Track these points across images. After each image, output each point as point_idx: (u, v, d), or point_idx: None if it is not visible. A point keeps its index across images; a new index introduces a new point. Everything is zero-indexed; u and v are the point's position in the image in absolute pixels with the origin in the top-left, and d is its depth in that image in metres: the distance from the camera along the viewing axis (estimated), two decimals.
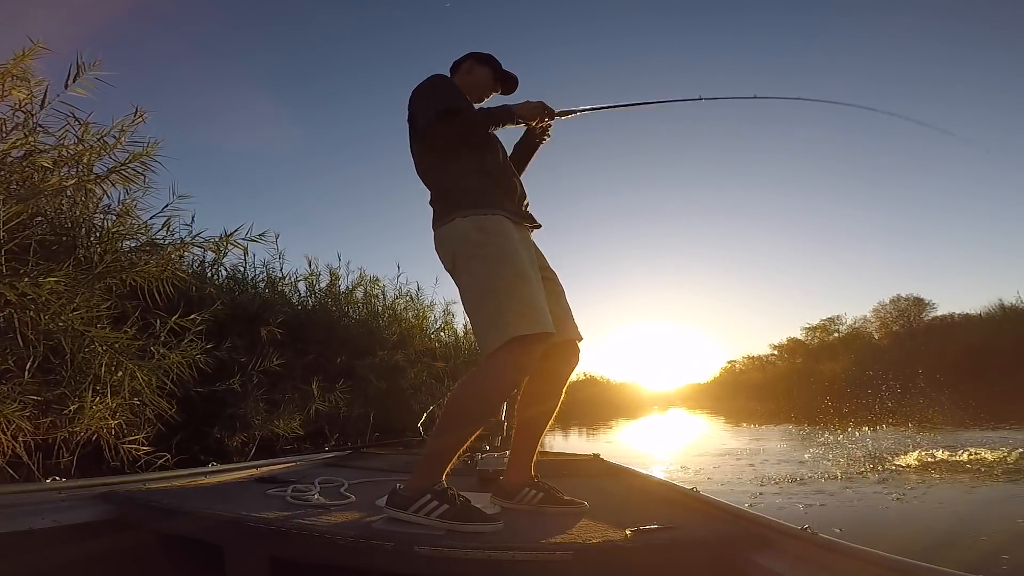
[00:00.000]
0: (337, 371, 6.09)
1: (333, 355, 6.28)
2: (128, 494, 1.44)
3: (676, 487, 1.74)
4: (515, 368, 1.37)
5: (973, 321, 19.54)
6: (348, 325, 7.72)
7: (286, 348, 5.94)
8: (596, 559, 1.12)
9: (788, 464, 4.59)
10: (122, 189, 3.49)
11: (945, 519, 2.62)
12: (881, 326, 27.06)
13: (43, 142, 3.09)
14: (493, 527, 1.25)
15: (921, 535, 2.37)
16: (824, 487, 3.46)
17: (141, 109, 4.21)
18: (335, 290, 8.15)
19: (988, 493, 3.18)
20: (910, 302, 26.71)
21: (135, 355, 2.70)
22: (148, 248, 3.45)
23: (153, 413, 2.74)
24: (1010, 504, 2.98)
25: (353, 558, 1.13)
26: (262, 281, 6.67)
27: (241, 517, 1.28)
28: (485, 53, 1.81)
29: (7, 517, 1.20)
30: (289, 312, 6.51)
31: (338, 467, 2.30)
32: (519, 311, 1.36)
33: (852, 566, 0.95)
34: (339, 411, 5.40)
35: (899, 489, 3.26)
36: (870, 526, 2.57)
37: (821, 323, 29.09)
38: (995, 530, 2.33)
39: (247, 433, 4.10)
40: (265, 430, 4.17)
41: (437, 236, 1.56)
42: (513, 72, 1.81)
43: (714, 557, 1.17)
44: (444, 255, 1.55)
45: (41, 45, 3.06)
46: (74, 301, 2.36)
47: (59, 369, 2.36)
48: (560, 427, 11.27)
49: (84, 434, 2.33)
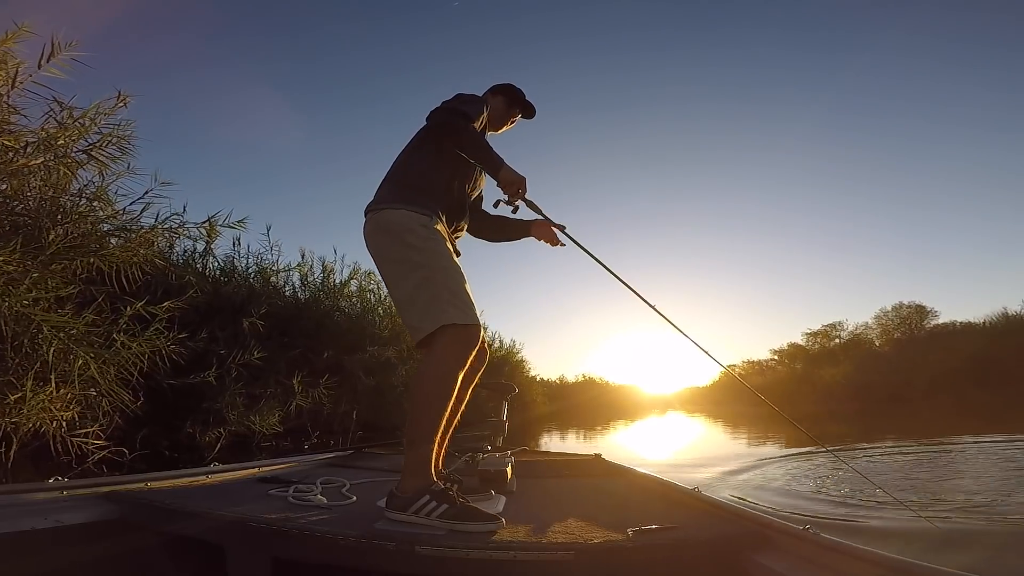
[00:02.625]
0: (324, 366, 5.91)
1: (322, 349, 6.10)
2: (130, 494, 1.44)
3: (677, 487, 1.72)
4: (454, 350, 1.43)
5: (976, 330, 19.34)
6: (340, 319, 7.56)
7: (272, 341, 5.78)
8: (597, 559, 1.11)
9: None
10: (95, 172, 3.36)
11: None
12: (883, 333, 26.85)
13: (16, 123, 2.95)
14: (494, 526, 1.25)
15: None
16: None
17: (124, 93, 4.07)
18: (329, 283, 7.99)
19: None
20: (912, 309, 26.48)
21: (94, 343, 2.53)
22: (118, 233, 3.28)
23: (110, 405, 2.57)
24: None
25: (355, 558, 1.13)
26: (252, 272, 6.53)
27: (243, 517, 1.28)
28: (504, 84, 1.98)
29: (9, 517, 1.20)
30: (279, 304, 6.34)
31: (340, 467, 2.28)
32: (457, 303, 1.46)
33: (853, 566, 0.95)
34: (323, 407, 5.21)
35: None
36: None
37: (823, 329, 28.87)
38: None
39: (222, 428, 3.93)
40: (241, 426, 3.99)
41: (378, 217, 1.57)
42: (531, 102, 1.97)
43: (715, 557, 1.16)
44: (380, 238, 1.57)
45: (27, 29, 2.90)
46: (23, 282, 2.19)
47: (4, 356, 2.19)
48: (558, 428, 11.15)
49: (28, 425, 2.16)
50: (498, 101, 1.95)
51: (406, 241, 1.51)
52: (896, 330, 26.33)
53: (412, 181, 1.62)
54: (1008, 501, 2.77)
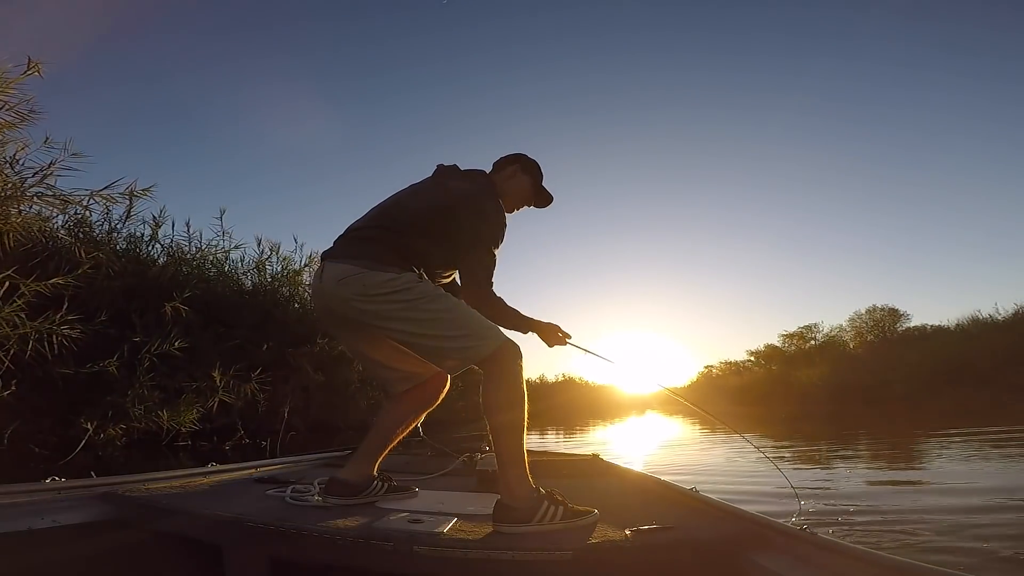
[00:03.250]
0: (267, 359, 5.39)
1: (264, 341, 5.57)
2: (127, 494, 1.43)
3: (675, 487, 1.72)
4: (516, 360, 1.43)
5: (947, 333, 19.58)
6: (294, 310, 7.03)
7: (208, 331, 5.25)
8: (596, 559, 1.11)
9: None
10: None
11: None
12: (856, 335, 27.16)
13: None
14: (596, 517, 1.32)
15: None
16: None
17: (35, 61, 3.64)
18: (289, 268, 7.46)
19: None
20: (885, 312, 26.86)
21: None
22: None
23: None
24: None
25: (352, 558, 1.13)
26: (194, 257, 5.97)
27: (240, 517, 1.26)
28: (532, 160, 1.82)
29: (7, 517, 1.20)
30: (217, 291, 5.81)
31: (337, 467, 2.23)
32: (485, 322, 1.48)
33: (851, 566, 0.95)
34: (257, 404, 4.69)
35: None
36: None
37: (799, 331, 29.09)
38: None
39: (124, 425, 3.40)
40: (148, 422, 3.47)
41: (380, 278, 1.45)
42: (549, 191, 1.86)
43: (714, 557, 1.16)
44: (379, 299, 1.46)
45: None
46: None
47: None
48: (536, 429, 10.94)
49: None
50: (527, 183, 1.80)
51: (411, 295, 1.46)
52: (869, 333, 26.67)
53: (424, 257, 1.57)
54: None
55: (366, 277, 1.44)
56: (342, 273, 1.46)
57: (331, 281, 1.47)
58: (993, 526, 2.24)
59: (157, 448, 3.55)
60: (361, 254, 1.49)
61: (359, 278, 1.44)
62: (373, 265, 1.46)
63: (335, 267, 1.49)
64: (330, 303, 1.49)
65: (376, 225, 1.56)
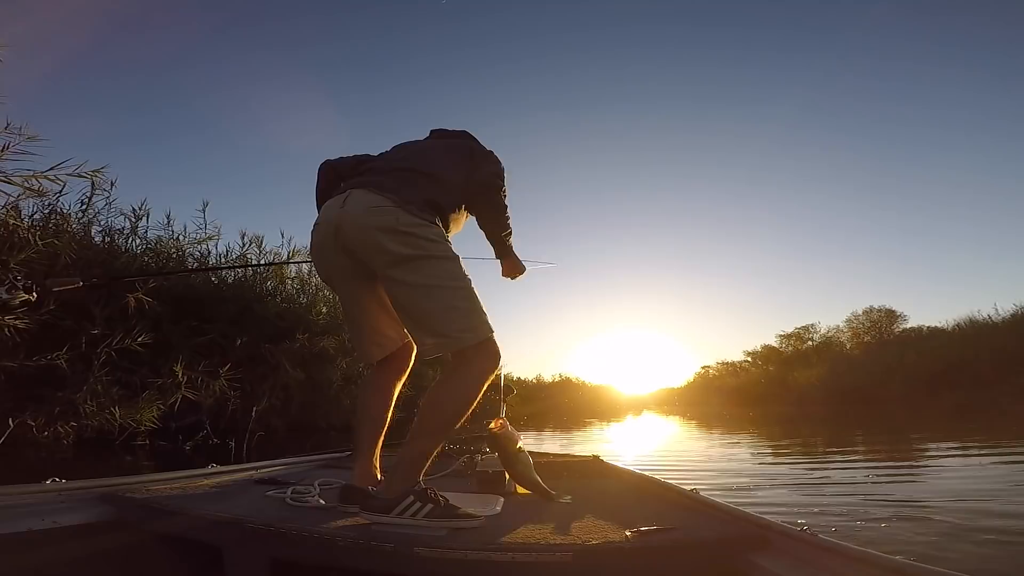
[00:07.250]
0: (242, 355, 5.15)
1: (239, 336, 5.32)
2: (127, 495, 1.43)
3: (676, 488, 1.71)
4: (491, 366, 1.39)
5: (944, 334, 19.42)
6: (274, 305, 6.78)
7: (180, 325, 5.00)
8: (596, 560, 1.11)
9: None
10: None
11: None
12: (853, 335, 27.07)
13: None
14: (475, 523, 1.27)
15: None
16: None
17: None
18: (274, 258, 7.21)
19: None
20: (882, 313, 26.80)
21: None
22: None
23: None
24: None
25: (353, 560, 1.12)
26: (170, 248, 5.73)
27: (240, 518, 1.26)
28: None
29: (6, 518, 1.20)
30: (190, 284, 5.56)
31: (338, 468, 2.25)
32: (484, 313, 1.42)
33: (852, 568, 0.95)
34: (227, 402, 4.45)
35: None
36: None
37: (796, 331, 29.00)
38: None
39: (73, 423, 3.16)
40: (100, 420, 3.23)
41: (415, 220, 1.41)
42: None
43: (714, 558, 1.16)
44: (406, 239, 1.39)
45: None
46: None
47: None
48: (534, 429, 10.79)
49: None
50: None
51: (437, 250, 1.42)
52: (866, 333, 26.56)
53: (448, 203, 1.54)
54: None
55: (402, 214, 1.39)
56: (377, 202, 1.40)
57: (359, 206, 1.41)
58: (993, 526, 2.22)
59: (109, 448, 3.31)
60: (399, 191, 1.43)
61: (395, 212, 1.39)
62: (409, 207, 1.41)
63: (368, 195, 1.42)
64: (349, 230, 1.41)
65: (409, 168, 1.53)
